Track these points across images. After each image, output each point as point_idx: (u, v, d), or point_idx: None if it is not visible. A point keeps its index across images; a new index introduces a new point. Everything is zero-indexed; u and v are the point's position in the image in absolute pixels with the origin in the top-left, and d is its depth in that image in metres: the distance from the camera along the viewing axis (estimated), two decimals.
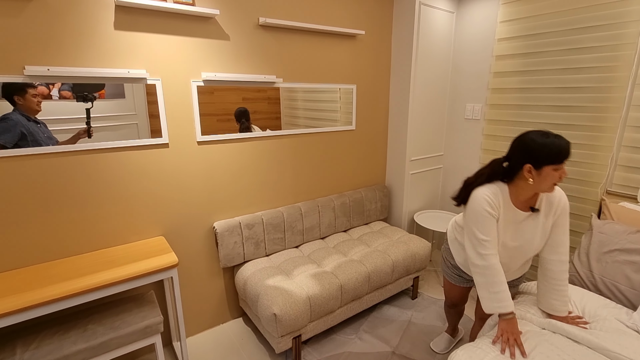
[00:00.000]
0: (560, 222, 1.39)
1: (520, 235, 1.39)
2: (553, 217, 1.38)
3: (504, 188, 1.37)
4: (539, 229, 1.38)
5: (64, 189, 1.64)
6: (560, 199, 1.38)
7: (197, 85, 1.91)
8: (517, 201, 1.37)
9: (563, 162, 1.23)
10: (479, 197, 1.35)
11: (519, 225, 1.38)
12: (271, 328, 1.82)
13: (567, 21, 2.22)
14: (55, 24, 1.50)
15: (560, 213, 1.38)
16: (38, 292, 1.40)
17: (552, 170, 1.24)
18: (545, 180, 1.26)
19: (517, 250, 1.41)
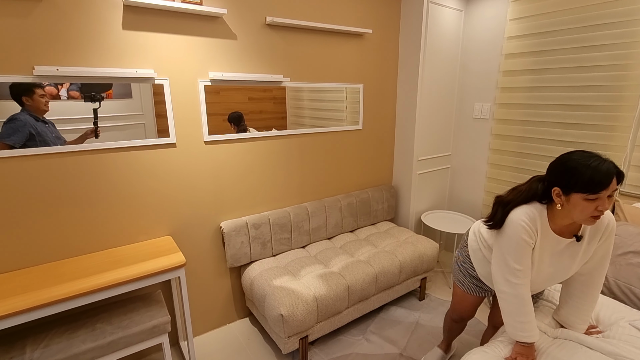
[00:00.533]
0: (605, 247, 1.23)
1: (558, 261, 1.24)
2: (598, 243, 1.22)
3: (542, 211, 1.19)
4: (580, 256, 1.23)
5: (72, 188, 1.64)
6: (608, 223, 1.20)
7: (205, 84, 1.91)
8: (556, 226, 1.19)
9: (598, 193, 1.02)
10: (516, 224, 1.18)
11: (558, 252, 1.23)
12: (278, 329, 1.81)
13: (579, 18, 2.18)
14: (64, 24, 1.50)
15: (607, 236, 1.21)
16: (47, 291, 1.40)
17: (583, 200, 1.05)
18: (575, 209, 1.07)
19: (552, 275, 1.29)
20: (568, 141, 2.33)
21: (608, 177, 1.00)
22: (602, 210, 1.03)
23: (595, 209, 1.04)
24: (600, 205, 1.03)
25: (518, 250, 1.19)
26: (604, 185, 1.01)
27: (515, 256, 1.20)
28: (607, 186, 1.01)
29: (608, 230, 1.20)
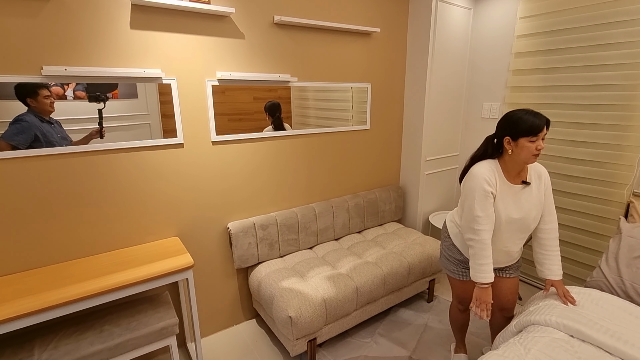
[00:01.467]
0: (548, 193, 1.52)
1: (520, 208, 1.47)
2: (543, 189, 1.51)
3: (496, 164, 1.49)
4: (534, 200, 1.49)
5: (79, 189, 1.64)
6: (545, 173, 1.52)
7: (212, 84, 1.89)
8: (509, 175, 1.48)
9: (537, 135, 1.36)
10: (477, 175, 1.45)
11: (516, 197, 1.48)
12: (286, 331, 1.79)
13: (591, 16, 2.14)
14: (72, 23, 1.49)
15: (547, 185, 1.51)
16: (55, 293, 1.39)
17: (527, 142, 1.38)
18: (522, 151, 1.39)
19: (521, 222, 1.49)
20: (580, 141, 2.29)
21: (542, 122, 1.36)
22: (539, 149, 1.38)
23: (535, 148, 1.37)
24: (538, 145, 1.37)
25: (480, 199, 1.43)
26: (541, 129, 1.36)
27: (478, 204, 1.43)
28: (542, 129, 1.36)
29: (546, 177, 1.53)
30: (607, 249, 1.78)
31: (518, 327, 1.53)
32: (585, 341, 1.33)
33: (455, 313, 1.87)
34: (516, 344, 1.37)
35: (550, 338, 1.35)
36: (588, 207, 2.31)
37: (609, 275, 1.66)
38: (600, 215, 2.26)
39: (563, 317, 1.42)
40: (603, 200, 2.24)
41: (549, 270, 1.56)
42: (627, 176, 2.12)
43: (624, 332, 1.32)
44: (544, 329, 1.41)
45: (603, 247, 2.27)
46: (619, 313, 1.45)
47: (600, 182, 2.24)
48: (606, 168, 2.20)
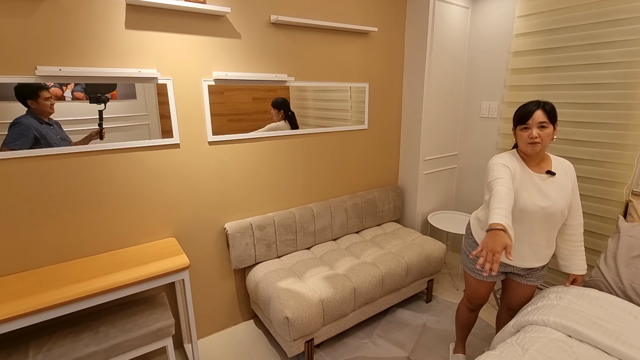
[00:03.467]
0: (575, 188, 1.50)
1: (546, 196, 1.44)
2: (570, 180, 1.48)
3: (515, 153, 1.53)
4: (561, 191, 1.45)
5: (76, 189, 1.63)
6: (571, 167, 1.51)
7: (208, 84, 1.88)
8: (530, 164, 1.49)
9: (526, 122, 1.39)
10: (493, 159, 1.51)
11: (542, 186, 1.45)
12: (283, 332, 1.78)
13: (590, 14, 2.13)
14: (66, 23, 1.49)
15: (573, 180, 1.49)
16: (51, 294, 1.39)
17: (520, 131, 1.43)
18: (519, 139, 1.45)
19: (548, 212, 1.44)
20: (579, 140, 2.28)
21: (530, 110, 1.38)
22: (533, 137, 1.38)
23: (528, 136, 1.39)
24: (530, 133, 1.39)
25: (496, 169, 1.43)
26: (528, 116, 1.38)
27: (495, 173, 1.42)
28: (531, 116, 1.37)
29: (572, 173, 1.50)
30: (605, 249, 1.77)
31: (516, 327, 1.52)
32: (583, 341, 1.32)
33: (463, 310, 1.84)
34: (514, 344, 1.36)
35: (548, 338, 1.34)
36: (587, 207, 2.30)
37: (608, 275, 1.65)
38: (600, 215, 2.25)
39: (561, 317, 1.41)
40: (602, 200, 2.23)
41: (576, 265, 1.55)
42: (627, 175, 2.10)
43: (622, 332, 1.30)
44: (541, 329, 1.40)
45: (602, 246, 2.26)
46: (618, 312, 1.44)
47: (599, 181, 2.23)
48: (605, 167, 2.19)
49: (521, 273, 1.62)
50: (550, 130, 1.39)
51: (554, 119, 1.40)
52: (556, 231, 1.51)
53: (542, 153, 1.47)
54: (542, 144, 1.39)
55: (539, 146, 1.39)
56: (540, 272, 1.62)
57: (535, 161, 1.48)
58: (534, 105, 1.38)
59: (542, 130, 1.38)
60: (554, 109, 1.40)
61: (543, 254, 1.54)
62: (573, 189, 1.48)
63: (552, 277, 2.57)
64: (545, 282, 2.62)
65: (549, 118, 1.37)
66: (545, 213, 1.43)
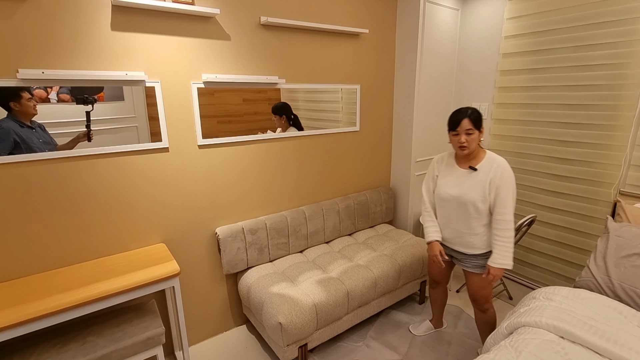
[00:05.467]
0: (502, 186, 1.59)
1: (459, 185, 1.69)
2: (491, 177, 1.60)
3: (452, 151, 1.79)
4: (477, 184, 1.64)
5: (62, 195, 1.58)
6: (499, 164, 1.61)
7: (198, 87, 1.85)
8: (460, 162, 1.73)
9: (455, 130, 1.61)
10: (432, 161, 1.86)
11: (460, 178, 1.70)
12: (276, 337, 1.76)
13: (578, 17, 2.16)
14: (49, 25, 1.44)
15: (500, 177, 1.59)
16: (35, 305, 1.34)
17: (451, 135, 1.65)
18: (452, 142, 1.68)
19: (458, 200, 1.68)
20: (567, 141, 2.31)
21: (458, 118, 1.60)
22: (461, 142, 1.61)
23: (458, 141, 1.62)
24: (459, 139, 1.61)
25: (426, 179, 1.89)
26: (456, 124, 1.61)
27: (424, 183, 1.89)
28: (459, 124, 1.59)
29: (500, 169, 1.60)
30: (595, 249, 1.79)
31: (509, 328, 1.52)
32: (576, 342, 1.33)
33: (430, 288, 2.14)
34: (507, 347, 1.37)
35: (540, 340, 1.35)
36: (576, 207, 2.33)
37: (598, 275, 1.67)
38: (588, 215, 2.28)
39: (553, 318, 1.42)
40: (590, 200, 2.26)
41: (493, 257, 1.63)
42: (614, 175, 2.14)
43: (613, 332, 1.32)
44: (534, 331, 1.41)
45: (591, 246, 2.30)
46: (609, 312, 1.45)
47: (587, 181, 2.26)
48: (593, 167, 2.22)
49: (457, 257, 1.84)
50: (475, 135, 1.60)
51: (479, 125, 1.60)
52: (478, 221, 1.67)
53: (473, 153, 1.67)
54: (469, 147, 1.61)
55: (467, 149, 1.62)
56: (474, 261, 1.76)
57: (466, 159, 1.70)
58: (462, 114, 1.59)
59: (469, 136, 1.59)
60: (479, 116, 1.60)
61: (466, 240, 1.74)
62: (500, 185, 1.59)
63: (542, 277, 2.60)
64: (536, 283, 2.65)
65: (474, 125, 1.58)
66: (458, 201, 1.68)
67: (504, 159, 1.63)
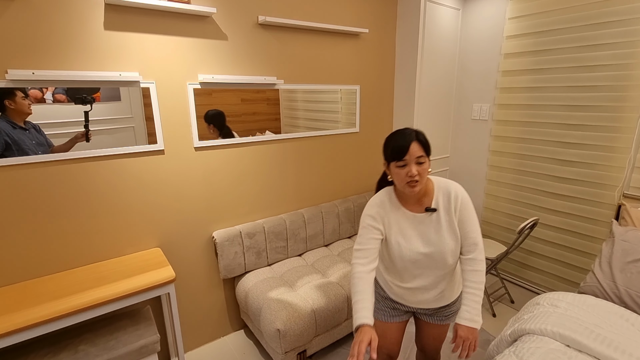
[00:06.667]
0: (466, 216, 1.22)
1: (428, 240, 1.23)
2: (455, 213, 1.22)
3: (391, 192, 1.29)
4: (445, 228, 1.22)
5: (53, 199, 1.54)
6: (456, 192, 1.22)
7: (194, 87, 1.81)
8: (407, 203, 1.25)
9: (402, 159, 1.13)
10: (366, 207, 1.29)
11: (422, 228, 1.24)
12: (275, 344, 1.72)
13: (581, 17, 2.12)
14: (40, 24, 1.40)
15: (462, 208, 1.22)
16: (26, 313, 1.30)
17: (396, 168, 1.16)
18: (395, 177, 1.18)
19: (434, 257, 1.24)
20: (570, 142, 2.28)
21: (405, 143, 1.13)
22: (411, 175, 1.13)
23: (407, 174, 1.14)
24: (409, 171, 1.13)
25: (361, 232, 1.26)
26: (403, 151, 1.13)
27: (358, 237, 1.26)
28: (406, 151, 1.12)
29: (459, 198, 1.22)
30: (600, 253, 1.75)
31: (513, 336, 1.49)
32: (582, 351, 1.29)
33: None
34: (511, 355, 1.33)
35: (546, 349, 1.32)
36: (579, 209, 2.30)
37: (603, 281, 1.64)
38: (592, 217, 2.25)
39: (558, 326, 1.38)
40: (594, 202, 2.23)
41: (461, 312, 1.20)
42: (618, 178, 2.10)
43: (620, 341, 1.28)
44: (539, 339, 1.38)
45: (594, 249, 2.26)
46: (615, 320, 1.42)
47: (590, 183, 2.23)
48: (597, 169, 2.19)
49: (428, 313, 1.40)
50: (427, 164, 1.16)
51: (429, 151, 1.17)
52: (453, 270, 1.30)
53: (424, 187, 1.23)
54: (420, 182, 1.15)
55: (418, 185, 1.15)
56: (449, 310, 1.38)
57: (415, 198, 1.24)
58: (408, 137, 1.14)
59: (420, 166, 1.14)
60: (427, 139, 1.18)
61: (442, 296, 1.33)
62: (462, 218, 1.22)
63: (545, 280, 2.56)
64: (538, 286, 2.61)
65: (425, 150, 1.15)
66: (431, 259, 1.24)
67: (456, 183, 1.25)
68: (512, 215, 2.68)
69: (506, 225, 2.73)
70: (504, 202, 2.72)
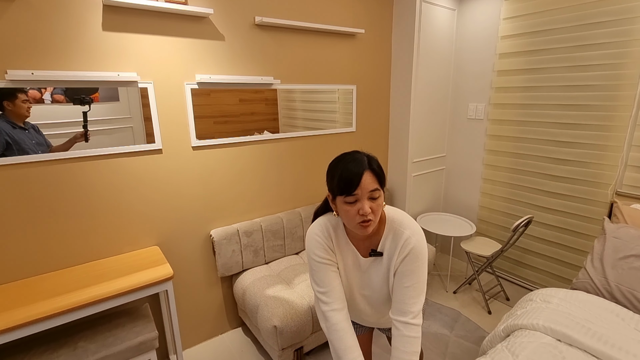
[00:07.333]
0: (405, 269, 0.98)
1: (368, 284, 1.08)
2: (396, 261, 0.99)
3: (339, 221, 1.06)
4: (382, 275, 1.04)
5: (53, 198, 1.56)
6: (409, 239, 0.98)
7: (191, 87, 1.83)
8: (355, 238, 1.05)
9: (352, 194, 0.91)
10: (309, 239, 1.06)
11: (365, 271, 1.07)
12: (272, 340, 1.74)
13: (574, 17, 2.15)
14: (39, 25, 1.42)
15: (406, 256, 0.98)
16: (25, 310, 1.32)
17: (344, 204, 0.93)
18: (343, 215, 0.95)
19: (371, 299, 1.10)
20: (564, 141, 2.30)
21: (357, 174, 0.90)
22: (364, 214, 0.91)
23: (358, 213, 0.92)
24: (361, 208, 0.91)
25: (316, 269, 1.04)
26: (355, 184, 0.90)
27: (316, 276, 1.04)
28: (357, 184, 0.90)
29: (409, 246, 0.97)
30: (592, 250, 1.78)
31: (505, 331, 1.51)
32: (573, 345, 1.31)
33: None
34: (504, 350, 1.36)
35: (537, 343, 1.34)
36: (573, 207, 2.33)
37: (595, 277, 1.66)
38: (585, 215, 2.27)
39: (550, 321, 1.41)
40: (587, 200, 2.25)
41: None
42: (611, 176, 2.13)
43: (610, 335, 1.31)
44: (531, 334, 1.40)
45: (588, 246, 2.29)
46: (606, 315, 1.44)
47: (584, 182, 2.25)
48: (590, 168, 2.22)
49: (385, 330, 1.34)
50: (382, 199, 0.95)
51: (383, 181, 0.96)
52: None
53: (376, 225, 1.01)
54: (374, 221, 0.94)
55: (371, 225, 0.94)
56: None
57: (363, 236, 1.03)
58: (360, 166, 0.92)
59: (374, 202, 0.93)
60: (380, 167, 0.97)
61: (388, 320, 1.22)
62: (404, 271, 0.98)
63: (539, 278, 2.59)
64: (532, 283, 2.64)
65: (379, 182, 0.94)
66: (369, 300, 1.11)
67: (415, 225, 1.02)
68: (507, 214, 2.70)
69: (501, 224, 2.76)
70: (499, 200, 2.74)
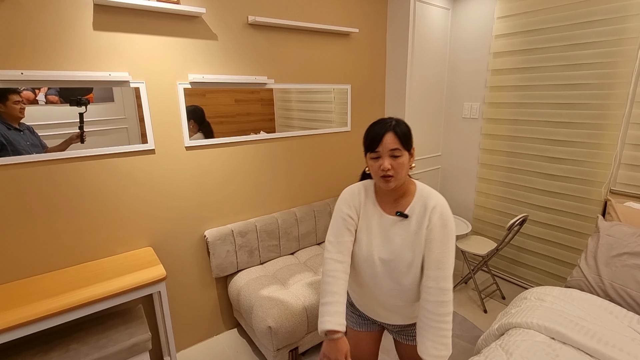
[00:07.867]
0: (434, 236, 1.05)
1: (390, 247, 1.10)
2: (427, 226, 1.06)
3: (370, 184, 1.19)
4: (409, 239, 1.08)
5: (45, 199, 1.54)
6: (436, 203, 1.07)
7: (184, 87, 1.82)
8: (383, 201, 1.14)
9: (375, 150, 1.04)
10: (341, 195, 1.20)
11: (388, 232, 1.11)
12: (266, 341, 1.73)
13: (567, 16, 2.15)
14: (29, 25, 1.40)
15: (438, 224, 1.05)
16: (16, 312, 1.31)
17: (370, 160, 1.07)
18: (371, 170, 1.09)
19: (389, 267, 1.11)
20: (558, 140, 2.31)
21: (379, 133, 1.04)
22: (384, 169, 1.03)
23: (379, 167, 1.04)
24: (382, 164, 1.03)
25: (335, 221, 1.15)
26: (377, 141, 1.04)
27: (333, 227, 1.15)
28: (380, 141, 1.03)
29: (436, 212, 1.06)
30: (586, 248, 1.78)
31: (500, 330, 1.51)
32: (567, 343, 1.31)
33: None
34: (498, 349, 1.35)
35: (531, 341, 1.34)
36: (567, 205, 2.33)
37: (589, 275, 1.67)
38: (579, 214, 2.28)
39: (544, 319, 1.41)
40: (581, 199, 2.26)
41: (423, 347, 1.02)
42: (604, 174, 2.14)
43: (604, 333, 1.31)
44: (525, 332, 1.40)
45: (582, 245, 2.29)
46: (600, 313, 1.45)
47: (578, 180, 2.26)
48: (584, 166, 2.22)
49: (394, 330, 1.28)
50: (405, 158, 1.04)
51: (408, 144, 1.05)
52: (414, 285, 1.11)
53: (403, 187, 1.11)
54: (396, 177, 1.03)
55: (393, 181, 1.04)
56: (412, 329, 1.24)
57: (392, 197, 1.12)
58: (384, 127, 1.04)
59: (395, 159, 1.03)
60: (409, 131, 1.07)
61: (404, 312, 1.18)
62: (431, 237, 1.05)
63: (534, 276, 2.59)
64: (528, 282, 2.64)
65: (401, 143, 1.03)
66: (387, 267, 1.11)
67: (440, 195, 1.10)
68: (503, 212, 2.71)
69: (497, 222, 2.76)
70: (494, 199, 2.75)
